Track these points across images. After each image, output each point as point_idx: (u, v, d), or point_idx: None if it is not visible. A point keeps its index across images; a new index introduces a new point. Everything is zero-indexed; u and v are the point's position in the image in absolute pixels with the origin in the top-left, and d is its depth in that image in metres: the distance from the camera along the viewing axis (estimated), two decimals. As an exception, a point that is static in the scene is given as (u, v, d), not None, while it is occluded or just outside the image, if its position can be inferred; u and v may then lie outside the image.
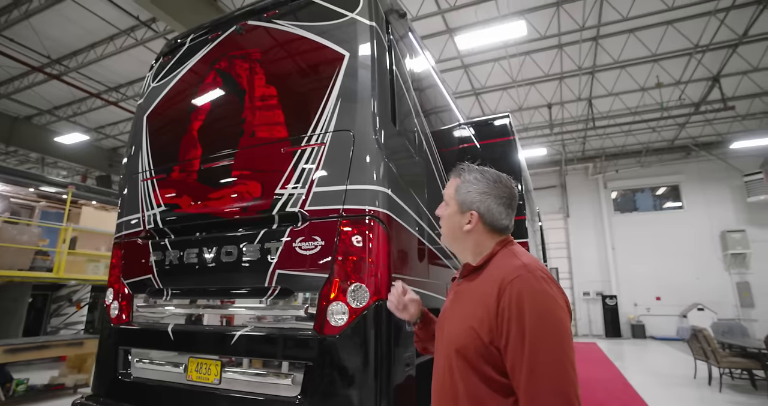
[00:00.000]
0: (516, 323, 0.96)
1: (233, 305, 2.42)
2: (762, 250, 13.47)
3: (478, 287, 1.12)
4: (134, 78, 11.02)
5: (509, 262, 1.09)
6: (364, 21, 2.57)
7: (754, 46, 9.13)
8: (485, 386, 0.99)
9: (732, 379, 6.56)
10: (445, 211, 1.24)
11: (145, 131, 3.23)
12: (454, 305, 1.20)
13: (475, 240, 1.19)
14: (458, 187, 1.21)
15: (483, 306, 1.04)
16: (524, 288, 0.99)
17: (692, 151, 14.43)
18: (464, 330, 1.05)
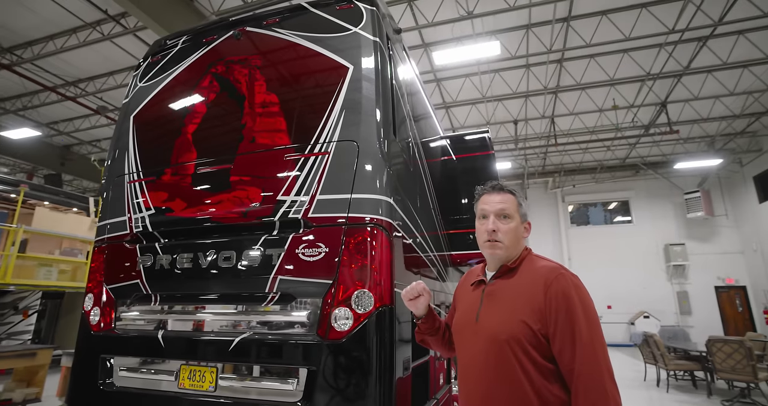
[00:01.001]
0: (565, 312, 1.17)
1: (231, 311, 2.41)
2: (699, 262, 14.70)
3: (518, 285, 1.30)
4: (96, 73, 10.49)
5: (544, 263, 1.32)
6: (368, 36, 2.67)
7: (695, 77, 10.09)
8: (533, 368, 1.17)
9: (676, 380, 7.11)
10: (510, 223, 1.39)
11: (132, 132, 3.15)
12: (490, 302, 1.35)
13: (522, 245, 1.43)
14: (519, 202, 1.43)
15: (530, 301, 1.22)
16: (567, 284, 1.21)
17: (641, 170, 15.58)
18: (513, 321, 1.22)
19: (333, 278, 2.18)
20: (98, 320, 2.71)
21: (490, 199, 1.43)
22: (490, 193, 1.44)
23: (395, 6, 7.99)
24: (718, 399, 5.94)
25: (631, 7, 7.96)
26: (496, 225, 1.37)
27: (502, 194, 1.42)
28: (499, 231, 1.37)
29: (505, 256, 1.38)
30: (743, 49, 9.00)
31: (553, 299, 1.19)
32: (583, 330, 1.15)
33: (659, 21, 8.01)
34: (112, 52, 9.48)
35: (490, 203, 1.42)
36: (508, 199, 1.42)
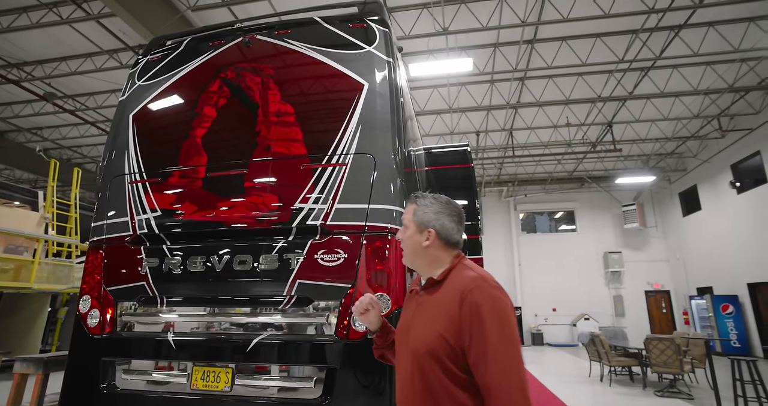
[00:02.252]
0: (478, 325, 1.12)
1: (248, 313, 2.48)
2: (632, 269, 16.21)
3: (440, 298, 1.26)
4: (46, 57, 9.73)
5: (466, 274, 1.26)
6: (382, 56, 2.86)
7: (637, 102, 11.24)
8: (449, 382, 1.15)
9: (615, 375, 7.88)
10: (405, 233, 1.38)
11: (132, 131, 3.11)
12: (418, 314, 1.31)
13: (433, 255, 1.33)
14: (415, 211, 1.38)
15: (447, 313, 1.19)
16: (482, 296, 1.16)
17: (585, 183, 16.92)
18: (432, 335, 1.18)
19: (352, 282, 2.34)
20: (97, 322, 2.66)
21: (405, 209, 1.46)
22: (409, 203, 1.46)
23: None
24: (651, 390, 6.70)
25: (588, 35, 8.76)
26: (400, 235, 1.40)
27: (409, 204, 1.43)
28: (401, 240, 1.40)
29: (412, 266, 1.41)
30: (676, 81, 10.18)
31: (467, 313, 1.14)
32: (497, 344, 1.10)
33: (611, 50, 8.89)
34: (69, 37, 8.87)
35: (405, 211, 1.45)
36: (408, 208, 1.41)
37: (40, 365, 3.84)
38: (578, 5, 7.62)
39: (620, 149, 12.45)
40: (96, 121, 12.14)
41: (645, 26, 8.01)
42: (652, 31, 7.83)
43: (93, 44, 8.99)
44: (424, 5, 8.03)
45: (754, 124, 11.37)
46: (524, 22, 7.88)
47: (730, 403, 5.45)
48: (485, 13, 7.99)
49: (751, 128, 11.49)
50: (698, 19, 8.12)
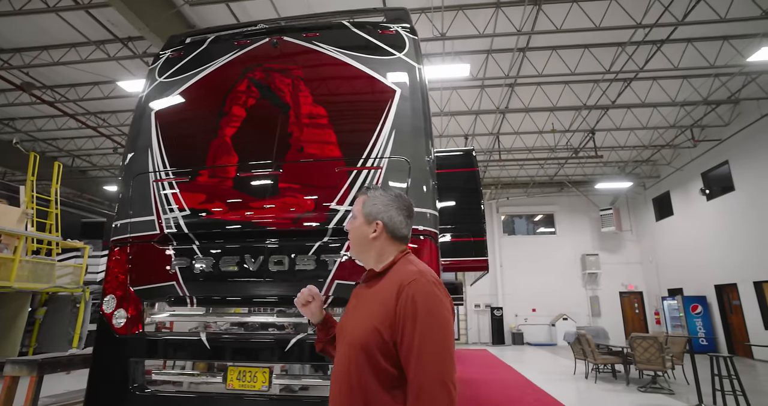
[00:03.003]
0: (410, 320, 1.10)
1: (285, 313, 2.51)
2: (608, 271, 16.86)
3: (379, 291, 1.23)
4: (26, 46, 9.31)
5: (407, 268, 1.24)
6: (412, 63, 2.94)
7: (619, 111, 11.74)
8: (380, 378, 1.11)
9: (599, 372, 8.21)
10: (353, 224, 1.35)
11: (155, 128, 3.07)
12: (356, 307, 1.30)
13: (379, 248, 1.31)
14: (365, 202, 1.35)
15: (384, 306, 1.16)
16: (418, 290, 1.13)
17: (565, 187, 17.49)
18: (368, 328, 1.15)
19: (390, 283, 2.40)
20: (124, 322, 2.63)
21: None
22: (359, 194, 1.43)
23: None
24: (635, 386, 7.04)
25: (578, 46, 9.10)
26: (347, 224, 1.39)
27: (359, 195, 1.40)
28: (348, 230, 1.37)
29: (357, 257, 1.38)
30: (655, 92, 10.70)
31: (402, 306, 1.12)
32: (427, 340, 1.08)
33: (598, 61, 9.26)
34: (52, 25, 8.52)
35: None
36: (358, 199, 1.38)
37: (34, 367, 3.72)
38: (571, 17, 7.92)
39: (601, 156, 12.95)
40: (76, 114, 11.68)
41: (632, 39, 8.39)
42: (639, 44, 8.21)
43: (79, 34, 8.67)
44: (423, 10, 8.15)
45: (723, 135, 12.07)
46: (519, 31, 8.12)
47: (708, 397, 5.80)
48: (482, 20, 8.18)
49: (720, 139, 12.19)
50: (679, 36, 8.58)
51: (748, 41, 8.78)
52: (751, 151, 11.27)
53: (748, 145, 11.35)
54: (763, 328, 11.02)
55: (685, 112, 11.69)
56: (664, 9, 7.16)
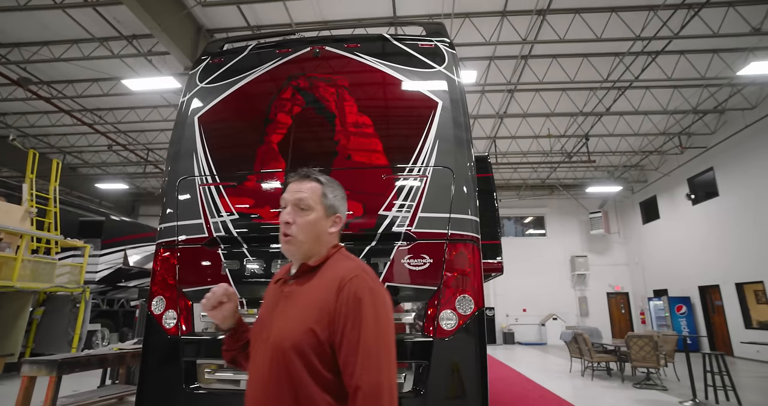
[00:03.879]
0: (352, 319, 1.02)
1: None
2: (597, 272, 17.35)
3: (314, 288, 1.13)
4: (25, 40, 9.14)
5: (345, 263, 1.16)
6: (452, 76, 3.09)
7: (612, 118, 12.13)
8: (314, 382, 1.03)
9: (593, 370, 8.52)
10: (307, 216, 1.18)
11: (200, 133, 3.15)
12: (284, 306, 1.15)
13: (328, 242, 1.21)
14: (324, 192, 1.22)
15: (321, 305, 1.07)
16: (362, 287, 1.06)
17: (556, 190, 17.93)
18: (301, 329, 1.05)
19: (438, 285, 2.55)
20: (175, 323, 2.71)
21: (292, 187, 1.23)
22: (296, 181, 1.24)
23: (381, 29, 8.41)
24: (629, 383, 7.35)
25: (578, 55, 9.41)
26: (292, 216, 1.17)
27: (307, 182, 1.23)
28: (294, 224, 1.17)
29: (300, 253, 1.18)
30: (648, 101, 11.11)
31: (343, 304, 1.05)
32: (371, 342, 1.01)
33: (596, 70, 9.59)
34: (55, 21, 8.40)
35: (290, 191, 1.22)
36: (311, 188, 1.21)
37: (53, 368, 3.76)
38: (574, 27, 8.20)
39: (594, 161, 13.35)
40: (72, 110, 11.48)
41: (630, 50, 8.72)
42: (637, 55, 8.54)
43: (83, 30, 8.56)
44: (431, 16, 8.32)
45: (709, 143, 12.60)
46: (524, 39, 8.36)
47: (700, 392, 6.12)
48: (488, 27, 8.40)
49: (706, 147, 12.71)
50: (673, 48, 8.96)
51: (737, 55, 9.22)
52: (735, 159, 11.80)
53: (732, 153, 11.87)
54: (744, 327, 11.56)
55: (674, 120, 12.17)
56: (663, 23, 7.49)
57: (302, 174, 1.26)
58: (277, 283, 1.26)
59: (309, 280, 1.17)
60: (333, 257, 1.20)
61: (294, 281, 1.20)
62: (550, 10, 7.99)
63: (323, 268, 1.18)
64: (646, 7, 7.85)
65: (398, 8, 8.16)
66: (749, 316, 11.51)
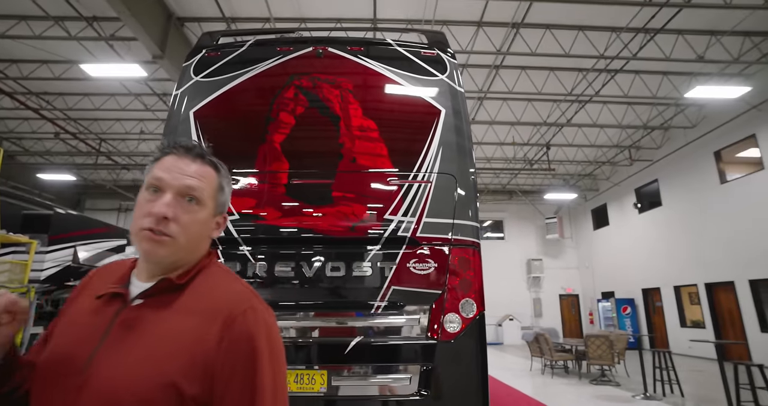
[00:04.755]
0: (243, 373, 0.75)
1: (344, 318, 2.63)
2: (550, 275, 18.29)
3: (179, 318, 0.78)
4: None
5: (228, 285, 0.86)
6: (454, 85, 3.19)
7: (572, 129, 12.86)
8: None
9: (552, 369, 8.99)
10: (198, 213, 0.85)
11: (195, 128, 3.03)
12: (122, 340, 0.76)
13: (203, 250, 0.89)
14: (221, 184, 0.91)
15: (192, 346, 0.74)
16: (258, 324, 0.78)
17: (515, 195, 18.71)
18: (155, 381, 0.71)
19: (442, 289, 2.62)
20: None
21: (177, 165, 0.85)
22: (181, 155, 0.87)
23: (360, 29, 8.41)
24: (586, 380, 7.84)
25: (545, 68, 9.90)
26: (175, 209, 0.82)
27: (200, 164, 0.88)
28: (177, 221, 0.81)
29: (170, 261, 0.83)
30: (605, 115, 11.90)
31: (233, 349, 0.75)
32: (269, 397, 0.75)
33: (561, 83, 10.14)
34: None
35: (174, 170, 0.85)
36: (205, 174, 0.88)
37: None
38: (544, 41, 8.63)
39: (554, 169, 14.08)
40: (14, 93, 10.48)
41: (594, 67, 9.31)
42: (600, 72, 9.13)
43: (36, 6, 7.84)
44: (409, 21, 8.43)
45: (655, 156, 13.69)
46: (498, 50, 8.68)
47: (649, 386, 6.65)
48: (464, 36, 8.64)
49: (652, 160, 13.79)
50: (630, 67, 9.66)
51: (683, 78, 10.11)
52: (676, 173, 12.90)
53: (674, 167, 12.98)
54: (680, 326, 12.67)
55: (626, 134, 13.11)
56: (624, 45, 8.08)
57: (192, 150, 0.88)
58: (101, 299, 0.82)
59: (170, 304, 0.80)
60: (206, 271, 0.87)
61: (143, 301, 0.80)
62: (524, 23, 8.36)
63: (192, 286, 0.83)
64: (609, 28, 8.42)
65: (379, 11, 8.20)
66: (684, 316, 12.63)
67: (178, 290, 0.82)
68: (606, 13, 8.02)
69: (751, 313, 10.22)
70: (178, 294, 0.82)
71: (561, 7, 7.69)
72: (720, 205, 11.24)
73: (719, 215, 11.24)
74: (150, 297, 0.81)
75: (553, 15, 8.21)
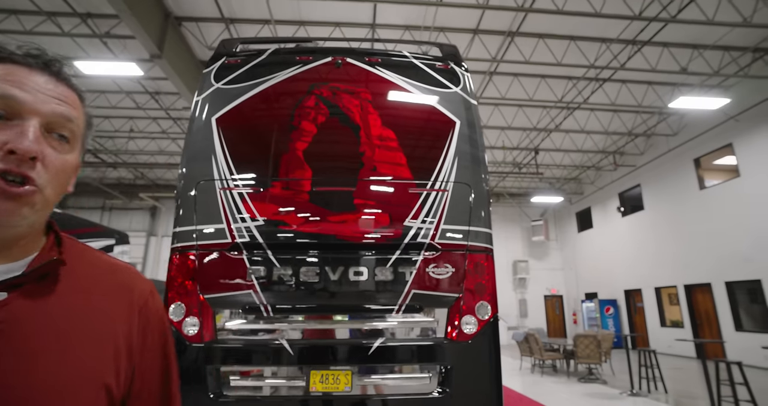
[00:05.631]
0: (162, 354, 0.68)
1: (367, 320, 2.74)
2: (536, 276, 18.71)
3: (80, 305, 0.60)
4: None
5: (108, 259, 0.69)
6: (468, 98, 3.33)
7: (560, 134, 13.23)
8: None
9: (542, 368, 9.27)
10: (68, 154, 0.62)
11: (218, 135, 3.10)
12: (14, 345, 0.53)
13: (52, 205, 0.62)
14: (89, 119, 0.68)
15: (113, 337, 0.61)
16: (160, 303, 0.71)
17: (502, 198, 19.08)
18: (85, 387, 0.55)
19: (460, 292, 2.77)
20: (197, 330, 2.66)
21: (35, 80, 0.59)
22: (34, 68, 0.60)
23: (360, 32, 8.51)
24: (574, 378, 8.12)
25: (536, 75, 10.19)
26: (40, 146, 0.56)
27: (65, 86, 0.63)
28: (45, 164, 0.57)
29: (25, 225, 0.57)
30: (592, 122, 12.29)
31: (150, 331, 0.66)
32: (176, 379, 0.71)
33: (552, 91, 10.45)
34: None
35: (37, 88, 0.58)
36: (75, 100, 0.64)
37: None
38: (537, 50, 8.90)
39: (542, 173, 14.45)
40: None
41: (584, 76, 9.63)
42: (590, 81, 9.46)
43: (29, 1, 7.69)
44: (407, 27, 8.57)
45: (638, 162, 14.19)
46: (493, 58, 8.91)
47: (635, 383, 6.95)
48: (460, 43, 8.83)
49: (635, 165, 14.29)
50: (617, 77, 10.04)
51: (667, 89, 10.55)
52: (659, 178, 13.41)
53: (656, 173, 13.48)
54: (660, 325, 13.17)
55: (611, 140, 13.55)
56: (614, 56, 8.40)
57: (51, 62, 0.62)
58: None
59: (52, 289, 0.59)
60: (71, 243, 0.66)
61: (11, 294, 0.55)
62: (518, 32, 8.61)
63: (73, 265, 0.62)
64: (600, 39, 8.74)
65: (378, 16, 8.32)
66: (664, 316, 13.13)
67: (52, 277, 0.60)
68: (597, 25, 8.33)
69: (727, 313, 10.73)
70: (56, 281, 0.60)
71: (554, 18, 7.95)
72: (699, 210, 11.75)
73: (698, 220, 11.75)
74: (22, 289, 0.56)
75: (547, 25, 8.48)
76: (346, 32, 8.49)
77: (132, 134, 12.63)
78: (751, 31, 8.30)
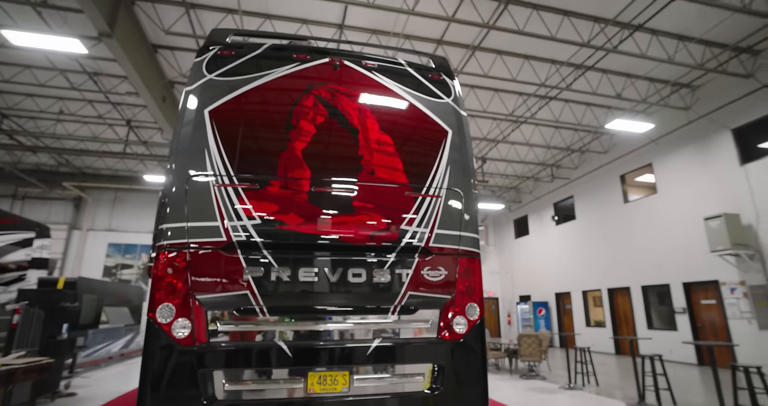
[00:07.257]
0: None
1: (364, 321, 2.79)
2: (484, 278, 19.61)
3: None
4: None
5: None
6: (458, 109, 3.51)
7: (506, 145, 14.09)
8: None
9: (484, 366, 9.79)
10: None
11: (212, 129, 2.98)
12: None
13: None
14: None
15: None
16: None
17: (449, 203, 19.81)
18: None
19: (452, 294, 2.92)
20: (188, 333, 2.54)
21: None
22: None
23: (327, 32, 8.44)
24: (516, 375, 8.70)
25: (491, 89, 10.79)
26: None
27: None
28: None
29: None
30: (536, 135, 13.26)
31: None
32: None
33: (504, 104, 11.13)
34: None
35: None
36: None
37: None
38: (495, 65, 9.44)
39: (487, 181, 15.26)
40: None
41: (535, 93, 10.38)
42: (540, 98, 10.22)
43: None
44: (374, 31, 8.67)
45: (573, 176, 15.52)
46: (454, 69, 9.29)
47: (572, 378, 7.63)
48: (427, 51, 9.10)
49: (569, 178, 15.63)
50: (562, 96, 10.95)
51: (603, 111, 11.71)
52: (589, 191, 14.78)
53: (587, 186, 14.85)
54: (585, 325, 14.48)
55: (551, 154, 14.69)
56: (562, 78, 9.17)
57: None
58: None
59: None
60: None
61: None
62: (479, 47, 9.07)
63: None
64: (551, 61, 9.49)
65: (348, 18, 8.32)
66: (589, 317, 14.48)
67: None
68: (550, 48, 9.03)
69: (641, 313, 12.11)
70: None
71: (513, 37, 8.50)
72: (622, 221, 13.14)
73: (621, 230, 13.13)
74: None
75: (506, 43, 9.03)
76: (314, 30, 8.40)
77: (61, 116, 11.36)
78: (672, 67, 9.50)
